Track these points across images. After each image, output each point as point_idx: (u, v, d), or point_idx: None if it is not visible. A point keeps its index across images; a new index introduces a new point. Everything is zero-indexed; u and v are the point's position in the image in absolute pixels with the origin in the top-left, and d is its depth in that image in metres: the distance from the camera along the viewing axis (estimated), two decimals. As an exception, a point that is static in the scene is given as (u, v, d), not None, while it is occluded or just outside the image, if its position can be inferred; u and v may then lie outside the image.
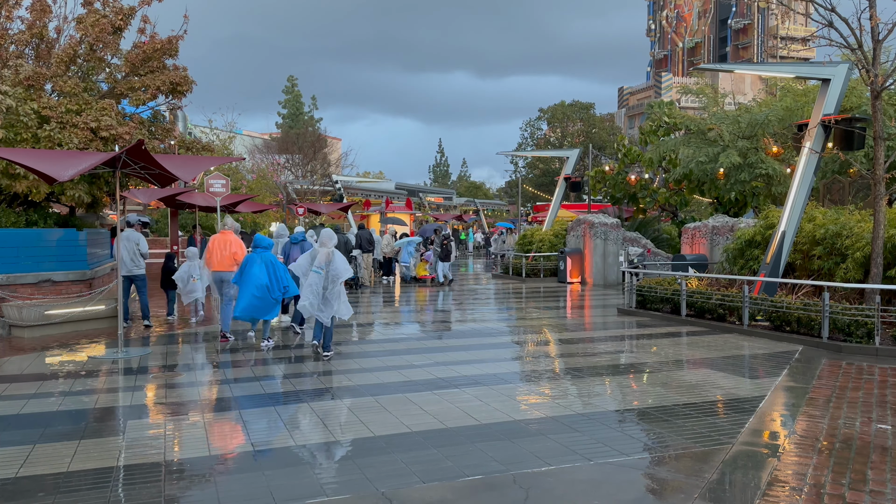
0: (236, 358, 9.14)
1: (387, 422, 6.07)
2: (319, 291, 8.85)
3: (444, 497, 4.41)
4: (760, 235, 13.48)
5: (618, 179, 27.81)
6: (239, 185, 32.75)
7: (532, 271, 23.45)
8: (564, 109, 78.21)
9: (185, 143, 16.77)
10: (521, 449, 5.33)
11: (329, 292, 8.87)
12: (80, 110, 13.10)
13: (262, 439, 5.58)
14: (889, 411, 6.45)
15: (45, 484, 4.65)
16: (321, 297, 8.86)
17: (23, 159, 9.73)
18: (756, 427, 5.97)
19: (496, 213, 71.62)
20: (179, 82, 14.95)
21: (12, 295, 11.49)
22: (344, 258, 9.11)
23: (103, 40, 14.49)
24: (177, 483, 4.67)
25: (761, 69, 18.76)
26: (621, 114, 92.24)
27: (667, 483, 4.69)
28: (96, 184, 13.68)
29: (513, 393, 7.18)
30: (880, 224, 10.47)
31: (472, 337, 11.07)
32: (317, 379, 7.87)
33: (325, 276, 8.84)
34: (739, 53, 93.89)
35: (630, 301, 14.16)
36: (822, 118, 11.96)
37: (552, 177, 60.97)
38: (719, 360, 8.97)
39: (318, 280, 8.84)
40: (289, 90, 73.19)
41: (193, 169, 12.48)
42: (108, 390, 7.41)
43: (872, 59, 10.54)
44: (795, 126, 14.43)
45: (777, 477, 4.71)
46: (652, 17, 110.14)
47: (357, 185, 50.45)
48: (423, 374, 8.09)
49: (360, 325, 12.41)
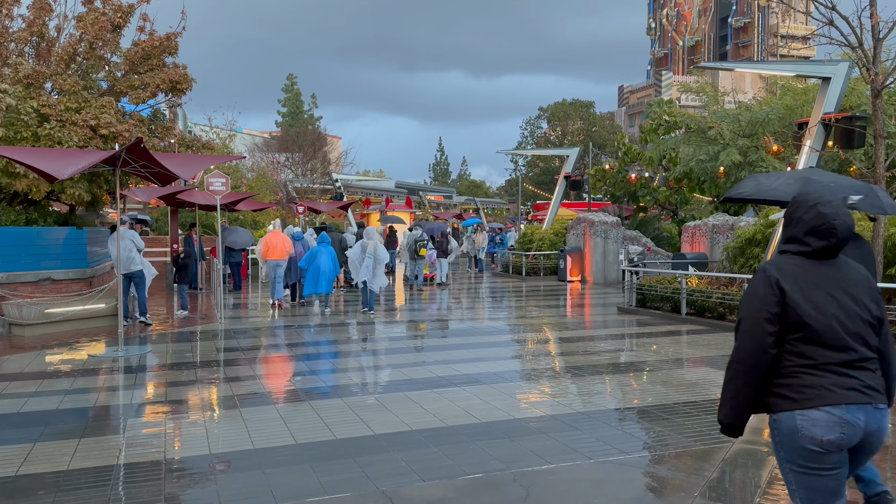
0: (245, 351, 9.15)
1: (387, 420, 6.07)
2: (371, 269, 12.94)
3: (445, 495, 4.41)
4: (761, 234, 13.47)
5: (618, 178, 27.79)
6: (239, 183, 32.73)
7: (532, 270, 23.45)
8: (565, 108, 78.21)
9: (186, 141, 16.75)
10: (521, 447, 5.33)
11: (376, 270, 12.99)
12: (79, 108, 13.08)
13: (263, 438, 5.58)
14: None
15: (45, 482, 4.65)
16: (372, 273, 12.93)
17: (23, 157, 9.72)
18: (756, 425, 5.96)
19: (496, 212, 71.59)
20: (179, 80, 14.93)
21: (12, 293, 11.49)
22: (384, 247, 13.31)
23: (103, 38, 14.47)
24: (177, 481, 4.67)
25: (761, 67, 18.78)
26: (621, 112, 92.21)
27: (667, 481, 4.69)
28: (96, 182, 13.67)
29: (513, 391, 7.18)
30: (880, 223, 10.47)
31: (473, 335, 11.07)
32: (317, 377, 7.88)
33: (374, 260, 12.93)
34: (740, 52, 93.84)
35: (630, 299, 14.16)
36: (823, 117, 11.95)
37: (552, 175, 60.93)
38: (719, 358, 8.97)
39: (370, 262, 12.94)
40: (288, 88, 73.09)
41: (193, 167, 12.48)
42: (108, 389, 7.41)
43: (873, 57, 10.53)
44: (796, 124, 14.42)
45: (777, 475, 4.71)
46: (652, 15, 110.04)
47: (357, 183, 50.43)
48: (423, 372, 8.09)
49: (359, 323, 12.40)
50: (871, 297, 2.86)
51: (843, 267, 2.89)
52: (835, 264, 2.88)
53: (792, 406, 2.76)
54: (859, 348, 2.77)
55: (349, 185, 45.53)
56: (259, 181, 37.02)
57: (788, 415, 2.77)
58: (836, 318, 2.76)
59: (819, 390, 2.73)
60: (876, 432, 2.78)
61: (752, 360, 2.81)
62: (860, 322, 2.78)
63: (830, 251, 2.85)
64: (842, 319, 2.76)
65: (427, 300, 16.30)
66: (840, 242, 2.83)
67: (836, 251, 2.87)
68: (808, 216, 2.85)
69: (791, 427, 2.76)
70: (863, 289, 2.85)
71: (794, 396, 2.77)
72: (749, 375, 2.82)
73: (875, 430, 2.77)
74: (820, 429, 2.70)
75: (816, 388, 2.73)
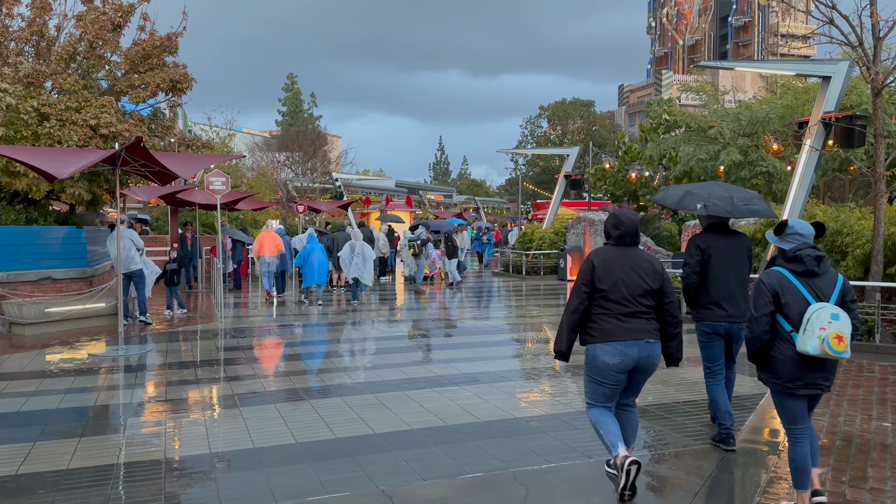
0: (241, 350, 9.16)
1: (387, 419, 6.07)
2: (361, 266, 15.05)
3: (445, 494, 4.41)
4: (761, 233, 13.46)
5: (618, 177, 27.79)
6: (239, 182, 32.71)
7: (532, 269, 23.44)
8: (565, 107, 78.18)
9: (186, 140, 16.75)
10: (521, 446, 5.33)
11: (364, 267, 15.14)
12: (79, 108, 13.08)
13: (263, 436, 5.58)
14: (889, 409, 6.45)
15: (45, 481, 4.65)
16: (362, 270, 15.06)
17: (23, 157, 9.72)
18: (756, 424, 5.97)
19: (496, 211, 71.59)
20: (179, 79, 14.93)
21: (12, 293, 11.49)
22: (370, 247, 15.51)
23: (103, 38, 14.47)
24: (177, 480, 4.67)
25: (762, 66, 18.77)
26: (622, 111, 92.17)
27: (667, 480, 4.69)
28: (96, 181, 13.67)
29: (513, 390, 7.18)
30: (880, 222, 10.46)
31: (472, 334, 11.07)
32: (317, 377, 7.88)
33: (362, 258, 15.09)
34: (740, 51, 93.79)
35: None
36: (823, 116, 11.94)
37: (552, 174, 60.95)
38: (719, 357, 8.96)
39: (360, 260, 15.06)
40: (288, 87, 73.01)
41: (193, 167, 12.47)
42: (109, 388, 7.41)
43: (873, 56, 10.52)
44: (796, 124, 14.41)
45: (777, 474, 4.71)
46: (652, 14, 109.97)
47: (357, 182, 50.42)
48: (423, 371, 8.09)
49: (359, 322, 12.41)
50: (651, 275, 4.30)
51: (636, 255, 4.36)
52: (630, 251, 4.36)
53: (594, 341, 4.29)
54: (636, 306, 4.25)
55: (349, 184, 45.50)
56: (259, 180, 37.00)
57: (591, 346, 4.31)
58: (624, 283, 4.24)
59: (608, 331, 4.23)
60: (646, 358, 4.29)
61: (575, 309, 4.30)
62: (639, 289, 4.26)
63: (623, 238, 4.37)
64: (627, 285, 4.24)
65: (427, 300, 16.30)
66: (626, 232, 4.36)
67: (629, 239, 4.37)
68: (609, 220, 4.46)
69: (592, 354, 4.31)
70: (647, 269, 4.32)
71: (594, 335, 4.28)
72: (572, 320, 4.31)
73: (645, 356, 4.28)
74: (608, 356, 4.22)
75: (607, 330, 4.24)
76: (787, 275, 3.95)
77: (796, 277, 3.93)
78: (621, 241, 4.36)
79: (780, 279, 3.94)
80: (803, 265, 3.92)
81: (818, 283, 3.91)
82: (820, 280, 3.92)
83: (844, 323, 3.71)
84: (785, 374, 3.91)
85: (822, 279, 3.93)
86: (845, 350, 3.67)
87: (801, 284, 3.90)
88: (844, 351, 3.67)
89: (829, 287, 3.91)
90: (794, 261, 3.96)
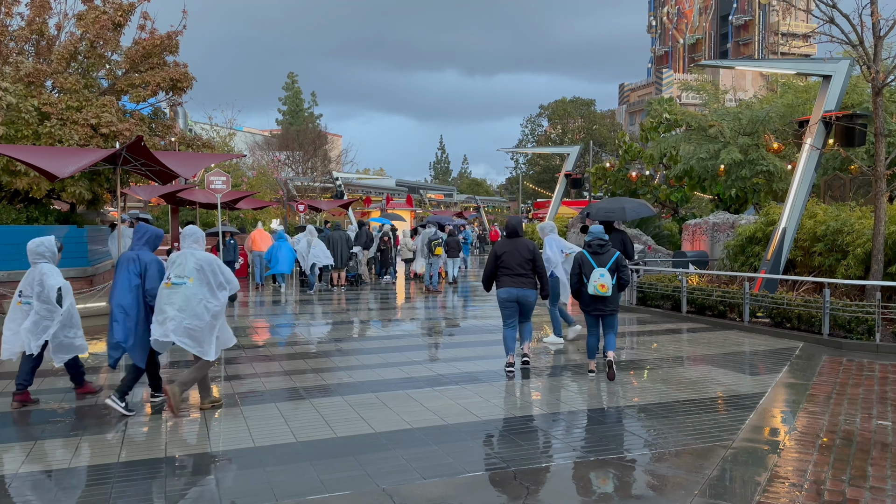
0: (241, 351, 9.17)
1: (387, 418, 6.07)
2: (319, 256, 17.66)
3: (445, 493, 4.41)
4: (761, 232, 13.46)
5: (618, 176, 27.77)
6: (239, 181, 32.70)
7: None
8: (565, 106, 78.14)
9: (186, 139, 16.76)
10: (521, 445, 5.33)
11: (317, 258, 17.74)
12: (80, 107, 13.09)
13: (263, 435, 5.58)
14: (889, 408, 6.45)
15: (46, 481, 4.65)
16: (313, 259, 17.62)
17: (23, 156, 9.73)
18: (757, 423, 5.97)
19: (496, 211, 71.60)
20: (179, 79, 14.93)
21: (13, 292, 11.48)
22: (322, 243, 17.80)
23: (103, 37, 14.47)
24: (177, 479, 4.67)
25: (762, 65, 18.76)
26: (622, 110, 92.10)
27: (667, 479, 4.69)
28: (97, 180, 13.68)
29: (513, 389, 7.19)
30: (881, 221, 10.47)
31: (473, 333, 11.07)
32: (317, 376, 7.88)
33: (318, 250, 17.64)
34: (740, 50, 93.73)
35: (630, 297, 14.17)
36: (823, 115, 11.94)
37: (553, 173, 60.96)
38: (720, 356, 8.98)
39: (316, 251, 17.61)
40: (289, 87, 72.96)
41: (194, 166, 12.50)
42: (109, 387, 7.42)
43: (874, 55, 10.52)
44: (796, 123, 14.42)
45: (777, 473, 4.72)
46: (652, 13, 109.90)
47: (357, 181, 50.43)
48: (423, 370, 8.09)
49: (360, 321, 12.42)
50: (528, 252, 7.73)
51: (519, 241, 7.83)
52: (516, 240, 7.84)
53: (498, 287, 7.88)
54: (520, 269, 7.71)
55: (349, 183, 45.53)
56: (259, 179, 37.00)
57: (498, 290, 7.88)
58: (512, 256, 7.73)
59: (504, 283, 7.79)
60: (523, 296, 7.77)
61: (488, 271, 7.94)
62: (522, 260, 7.70)
63: (510, 233, 7.91)
64: (514, 257, 7.72)
65: (427, 299, 16.30)
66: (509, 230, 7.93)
67: (514, 233, 7.89)
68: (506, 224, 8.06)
69: (498, 294, 7.87)
70: (524, 249, 7.75)
71: (498, 284, 7.89)
72: (488, 277, 7.96)
73: (522, 296, 7.76)
74: (504, 294, 7.81)
75: (503, 282, 7.80)
76: (586, 254, 7.75)
77: (591, 255, 7.70)
78: (509, 234, 7.92)
79: (582, 256, 7.77)
80: (592, 249, 7.75)
81: (602, 258, 7.66)
82: (602, 257, 7.67)
83: (607, 278, 7.50)
84: (585, 302, 7.79)
85: (603, 256, 7.67)
86: (606, 292, 7.51)
87: (592, 258, 7.67)
88: (606, 292, 7.51)
89: (607, 259, 7.64)
90: (589, 246, 7.79)
